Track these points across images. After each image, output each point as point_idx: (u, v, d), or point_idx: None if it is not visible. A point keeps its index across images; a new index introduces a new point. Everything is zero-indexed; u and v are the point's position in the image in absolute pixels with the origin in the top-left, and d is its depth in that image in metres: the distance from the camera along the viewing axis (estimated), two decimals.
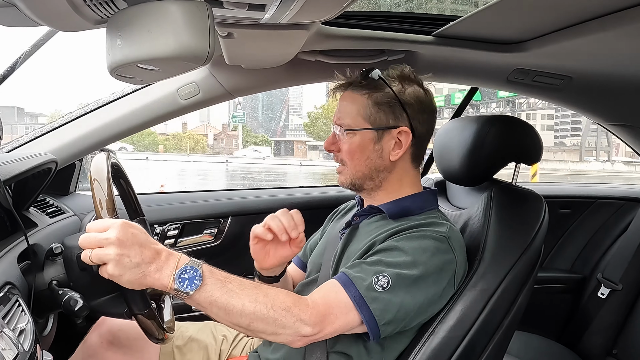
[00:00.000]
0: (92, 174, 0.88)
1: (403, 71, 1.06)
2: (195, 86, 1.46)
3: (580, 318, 2.01)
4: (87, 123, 1.47)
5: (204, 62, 0.69)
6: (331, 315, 0.87)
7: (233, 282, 0.83)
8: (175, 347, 1.22)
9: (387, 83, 1.03)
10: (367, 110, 1.03)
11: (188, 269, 0.78)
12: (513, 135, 1.20)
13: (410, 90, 1.04)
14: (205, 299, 0.80)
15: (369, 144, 1.03)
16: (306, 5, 0.85)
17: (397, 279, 0.89)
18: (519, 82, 1.54)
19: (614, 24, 1.00)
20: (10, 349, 0.73)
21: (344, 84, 1.08)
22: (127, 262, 0.76)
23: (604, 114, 1.78)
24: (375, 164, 1.04)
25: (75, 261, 0.94)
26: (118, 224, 0.77)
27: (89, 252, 0.77)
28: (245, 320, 0.82)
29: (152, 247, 0.79)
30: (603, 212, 2.12)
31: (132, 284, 0.78)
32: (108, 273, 0.76)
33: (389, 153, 1.04)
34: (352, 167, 1.05)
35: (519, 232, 1.08)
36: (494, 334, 1.05)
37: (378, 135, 1.03)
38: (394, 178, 1.07)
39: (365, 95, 1.03)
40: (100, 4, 0.70)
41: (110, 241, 0.75)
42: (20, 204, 1.29)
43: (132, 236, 0.77)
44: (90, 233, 0.78)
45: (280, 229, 1.00)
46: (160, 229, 1.73)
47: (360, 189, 1.08)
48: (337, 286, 0.90)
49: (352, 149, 1.04)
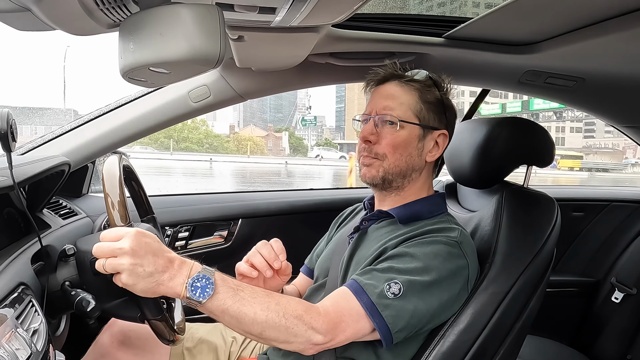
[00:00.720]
0: (104, 176, 0.89)
1: (440, 77, 1.07)
2: (206, 89, 1.47)
3: (593, 322, 1.99)
4: (99, 126, 1.48)
5: (215, 65, 0.70)
6: (342, 324, 0.87)
7: (245, 290, 0.83)
8: (185, 348, 1.22)
9: (436, 85, 1.04)
10: (417, 106, 1.02)
11: (200, 277, 0.79)
12: (524, 137, 1.19)
13: (448, 97, 1.07)
14: (218, 307, 0.80)
15: (414, 140, 1.03)
16: (317, 8, 0.85)
17: (409, 286, 0.89)
18: (530, 83, 1.53)
19: (628, 24, 0.99)
20: (24, 349, 0.74)
21: (387, 75, 1.06)
22: (140, 271, 0.76)
23: (618, 115, 1.76)
24: (414, 162, 1.04)
25: (88, 266, 0.95)
26: (132, 233, 0.78)
27: (102, 261, 0.78)
28: (257, 328, 0.82)
29: (166, 256, 0.79)
30: (616, 215, 2.09)
31: (145, 293, 0.78)
32: (122, 282, 0.77)
33: (427, 154, 1.04)
34: (392, 161, 1.02)
35: (531, 235, 1.07)
36: (505, 338, 1.03)
37: (424, 133, 1.03)
38: (421, 180, 1.07)
39: (415, 91, 1.03)
40: (113, 8, 0.71)
41: (124, 251, 0.76)
42: (34, 206, 1.31)
43: (145, 245, 0.77)
44: (104, 243, 0.79)
45: (263, 264, 0.98)
46: (171, 230, 1.74)
47: (388, 186, 1.05)
48: (348, 294, 0.90)
49: (397, 142, 1.01)
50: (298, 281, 1.29)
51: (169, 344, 0.95)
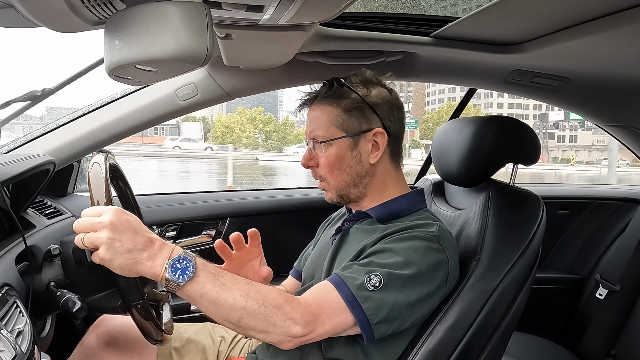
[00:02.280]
0: (90, 175, 0.88)
1: (364, 75, 1.06)
2: (194, 87, 1.46)
3: (578, 319, 2.02)
4: (85, 124, 1.46)
5: (202, 64, 0.69)
6: (322, 316, 0.86)
7: (226, 276, 0.82)
8: (173, 348, 1.22)
9: (352, 89, 1.03)
10: (338, 119, 1.03)
11: (181, 259, 0.78)
12: (511, 136, 1.20)
13: (375, 92, 1.05)
14: (197, 291, 0.79)
15: (347, 152, 1.03)
16: (304, 6, 0.85)
17: (389, 278, 0.89)
18: (517, 83, 1.55)
19: (612, 25, 1.00)
20: (8, 351, 0.73)
21: (309, 98, 1.09)
22: (118, 246, 0.75)
23: (602, 115, 1.78)
24: (356, 171, 1.04)
25: (71, 256, 0.94)
26: (112, 209, 0.78)
27: (82, 236, 0.77)
28: (235, 315, 0.81)
29: (146, 235, 0.78)
30: (601, 212, 2.12)
31: (123, 270, 0.77)
32: (99, 257, 0.76)
33: (368, 157, 1.03)
34: (334, 180, 1.05)
35: (517, 233, 1.09)
36: (492, 334, 1.04)
37: (354, 141, 1.03)
38: (377, 181, 1.06)
39: (333, 104, 1.03)
40: (98, 5, 0.71)
41: (104, 224, 0.75)
42: (18, 205, 1.29)
43: (125, 222, 0.77)
44: (85, 218, 0.78)
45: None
46: (158, 230, 1.73)
47: (348, 200, 1.08)
48: (329, 286, 0.90)
49: (331, 161, 1.03)
50: (287, 284, 1.29)
51: (157, 343, 0.94)
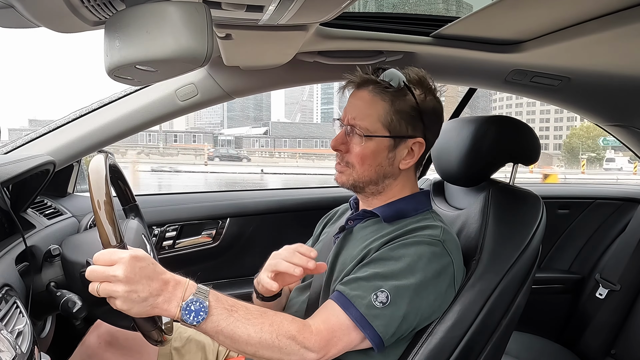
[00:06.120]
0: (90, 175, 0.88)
1: (422, 77, 1.03)
2: (194, 87, 1.46)
3: (578, 318, 2.01)
4: (85, 124, 1.46)
5: (202, 64, 0.69)
6: (334, 339, 0.87)
7: (239, 310, 0.83)
8: (174, 348, 1.22)
9: (411, 91, 1.00)
10: (388, 117, 0.99)
11: (194, 300, 0.78)
12: (510, 135, 1.20)
13: (429, 99, 1.02)
14: (212, 328, 0.80)
15: (383, 151, 1.01)
16: (304, 6, 0.85)
17: (396, 292, 0.89)
18: (517, 82, 1.54)
19: (612, 24, 1.00)
20: (8, 351, 0.73)
21: (363, 80, 1.03)
22: (135, 297, 0.75)
23: (602, 114, 1.78)
24: (385, 171, 1.03)
25: (78, 277, 0.93)
26: (126, 259, 0.75)
27: (96, 285, 0.76)
28: (251, 349, 0.82)
29: (160, 278, 0.78)
30: (601, 212, 2.12)
31: (140, 315, 0.78)
32: (116, 307, 0.76)
33: (400, 162, 1.02)
34: (360, 171, 1.02)
35: (517, 232, 1.08)
36: (492, 334, 1.04)
37: (394, 143, 1.01)
38: (398, 184, 1.06)
39: (386, 99, 0.99)
40: (98, 5, 0.70)
41: (118, 279, 0.74)
42: (18, 206, 1.29)
43: (139, 270, 0.76)
44: (98, 267, 0.76)
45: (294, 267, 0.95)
46: (158, 230, 1.73)
47: (361, 190, 1.06)
48: (337, 309, 0.90)
49: (365, 154, 1.00)
50: None
51: (157, 344, 0.94)
